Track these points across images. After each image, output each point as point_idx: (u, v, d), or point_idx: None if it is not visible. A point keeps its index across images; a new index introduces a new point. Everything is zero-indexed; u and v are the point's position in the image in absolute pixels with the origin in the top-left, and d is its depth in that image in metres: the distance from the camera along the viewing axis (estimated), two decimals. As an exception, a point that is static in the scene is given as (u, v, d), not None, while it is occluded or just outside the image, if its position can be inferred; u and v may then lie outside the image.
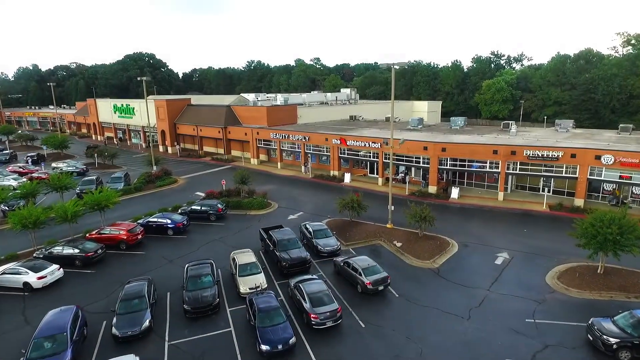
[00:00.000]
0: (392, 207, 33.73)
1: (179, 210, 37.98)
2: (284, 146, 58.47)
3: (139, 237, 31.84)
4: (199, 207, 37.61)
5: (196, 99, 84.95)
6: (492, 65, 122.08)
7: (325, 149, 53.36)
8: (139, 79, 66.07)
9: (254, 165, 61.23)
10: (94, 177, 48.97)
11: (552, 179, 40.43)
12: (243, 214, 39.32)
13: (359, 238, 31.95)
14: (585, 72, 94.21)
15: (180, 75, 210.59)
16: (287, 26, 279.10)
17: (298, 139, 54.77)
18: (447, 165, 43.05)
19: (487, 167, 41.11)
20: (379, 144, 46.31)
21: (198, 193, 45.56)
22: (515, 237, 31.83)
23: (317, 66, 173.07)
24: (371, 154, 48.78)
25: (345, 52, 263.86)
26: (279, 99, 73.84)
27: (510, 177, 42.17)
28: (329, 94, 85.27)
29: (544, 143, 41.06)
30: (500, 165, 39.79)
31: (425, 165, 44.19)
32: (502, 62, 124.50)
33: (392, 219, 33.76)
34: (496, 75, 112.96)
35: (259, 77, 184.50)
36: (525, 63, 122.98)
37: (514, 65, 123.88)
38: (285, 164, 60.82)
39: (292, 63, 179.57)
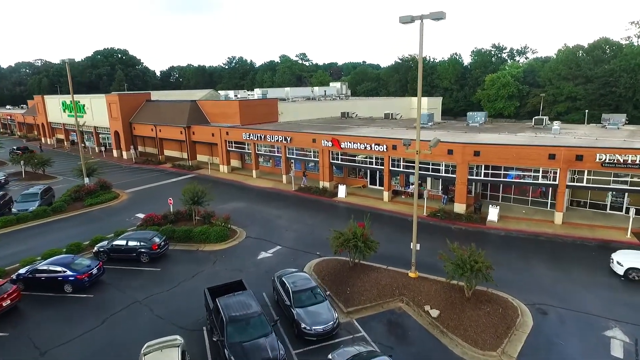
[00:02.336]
0: (418, 246, 21.77)
1: (95, 248, 25.56)
2: (261, 149, 46.29)
3: (5, 303, 19.33)
4: (123, 243, 25.19)
5: (160, 95, 72.12)
6: (494, 59, 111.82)
7: (312, 153, 41.37)
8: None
9: (224, 174, 48.88)
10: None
11: (626, 194, 29.23)
12: (193, 249, 27.06)
13: (367, 298, 19.96)
14: (603, 63, 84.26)
15: (158, 74, 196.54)
16: (272, 25, 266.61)
17: (278, 140, 42.66)
18: (480, 175, 31.39)
19: (535, 176, 29.60)
20: (385, 147, 34.46)
21: (139, 215, 33.11)
22: (614, 294, 20.25)
23: (304, 62, 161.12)
24: (373, 160, 36.92)
25: (332, 52, 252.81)
26: (257, 93, 61.56)
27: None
28: (316, 89, 73.38)
29: (616, 144, 29.68)
30: (558, 175, 28.30)
31: (448, 175, 32.54)
32: (504, 55, 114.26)
33: (416, 262, 21.88)
34: (500, 69, 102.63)
35: (241, 75, 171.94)
36: (530, 56, 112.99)
37: (517, 58, 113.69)
38: (263, 171, 48.65)
39: (277, 59, 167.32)
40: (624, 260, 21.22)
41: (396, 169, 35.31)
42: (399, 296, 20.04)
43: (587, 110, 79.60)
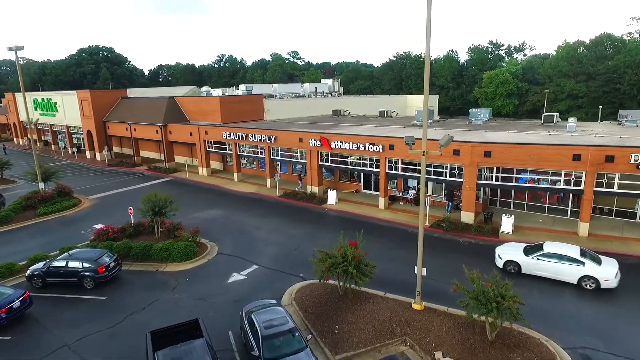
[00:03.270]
0: (425, 271, 17.39)
1: (28, 271, 20.92)
2: (243, 150, 41.78)
3: None
4: (62, 264, 20.58)
5: (138, 92, 67.22)
6: (490, 57, 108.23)
7: (299, 154, 36.97)
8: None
9: (203, 177, 44.28)
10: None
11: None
12: (152, 270, 22.52)
13: (361, 340, 15.56)
14: (606, 59, 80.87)
15: (147, 73, 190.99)
16: (264, 24, 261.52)
17: (261, 140, 38.17)
18: (491, 179, 27.18)
19: (551, 180, 25.45)
20: (381, 147, 30.16)
21: (98, 226, 28.40)
22: (670, 330, 16.09)
23: (295, 60, 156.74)
24: (367, 162, 32.61)
25: (325, 52, 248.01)
26: (241, 89, 57.00)
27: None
28: (306, 85, 68.91)
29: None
30: (584, 179, 24.15)
31: (453, 180, 28.31)
32: (501, 52, 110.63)
33: (421, 291, 17.53)
34: (498, 66, 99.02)
35: (231, 73, 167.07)
36: (528, 53, 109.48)
37: (514, 55, 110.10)
38: (246, 174, 44.17)
39: (269, 58, 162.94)
40: (502, 253, 21.34)
41: (394, 171, 31.05)
42: (401, 336, 15.70)
43: (590, 108, 76.18)
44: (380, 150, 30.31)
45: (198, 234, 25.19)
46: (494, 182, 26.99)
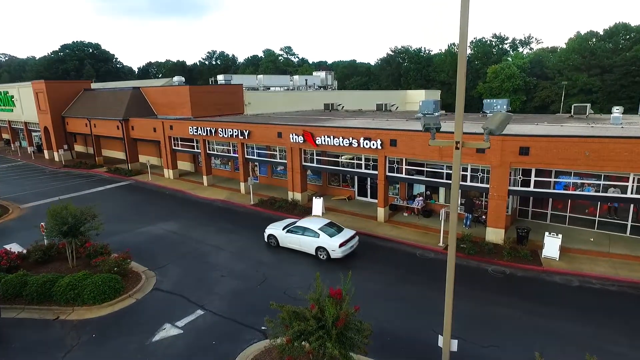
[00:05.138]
0: (455, 344, 10.52)
1: None
2: (214, 148, 34.91)
3: None
4: None
5: (112, 85, 60.25)
6: (494, 51, 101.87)
7: (279, 152, 30.14)
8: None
9: (168, 181, 37.35)
10: None
11: None
12: (50, 318, 15.60)
13: None
14: (623, 51, 74.55)
15: (136, 71, 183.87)
16: (259, 23, 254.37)
17: (232, 136, 31.31)
18: (527, 185, 20.38)
19: (611, 186, 18.74)
20: (380, 143, 23.37)
21: (10, 247, 21.34)
22: None
23: (289, 56, 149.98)
24: (362, 162, 25.80)
25: (321, 51, 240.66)
26: (219, 79, 50.12)
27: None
28: (296, 77, 62.11)
29: None
30: (662, 186, 17.45)
31: (474, 185, 21.55)
32: (506, 46, 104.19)
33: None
34: (503, 60, 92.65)
35: (222, 70, 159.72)
36: (535, 47, 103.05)
37: (520, 49, 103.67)
38: (220, 177, 37.36)
39: (261, 54, 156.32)
40: (268, 228, 22.08)
41: (396, 174, 24.26)
42: None
43: (605, 104, 69.79)
44: (379, 147, 23.51)
45: (128, 261, 18.28)
46: (531, 188, 20.16)
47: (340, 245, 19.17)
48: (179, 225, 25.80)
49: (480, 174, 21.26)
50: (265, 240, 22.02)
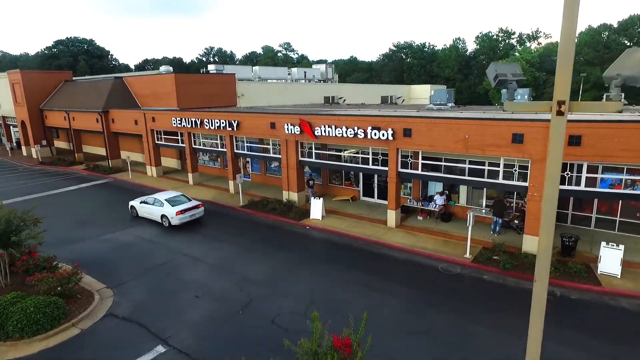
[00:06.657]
0: None
1: None
2: (200, 142, 31.06)
3: None
4: None
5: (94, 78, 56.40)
6: (501, 46, 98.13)
7: (272, 146, 26.29)
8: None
9: (150, 179, 33.51)
10: None
11: None
12: (-38, 359, 11.79)
13: None
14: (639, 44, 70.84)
15: (132, 68, 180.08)
16: (258, 22, 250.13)
17: (220, 127, 27.45)
18: (572, 183, 16.55)
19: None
20: (391, 133, 19.54)
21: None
22: None
23: (288, 52, 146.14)
24: (369, 157, 21.94)
25: (322, 50, 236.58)
26: (210, 69, 46.27)
27: None
28: (294, 70, 58.25)
29: None
30: None
31: (507, 183, 17.72)
32: (513, 41, 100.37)
33: None
34: (511, 55, 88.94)
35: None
36: (543, 42, 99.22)
37: (527, 44, 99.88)
38: (208, 175, 33.56)
39: (259, 51, 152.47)
40: (131, 201, 24.00)
41: (410, 170, 20.41)
42: None
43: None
44: (390, 138, 19.67)
45: (77, 278, 14.44)
46: (582, 187, 16.31)
47: (177, 214, 21.32)
48: (154, 230, 21.94)
49: (514, 170, 17.43)
50: (130, 211, 24.02)
